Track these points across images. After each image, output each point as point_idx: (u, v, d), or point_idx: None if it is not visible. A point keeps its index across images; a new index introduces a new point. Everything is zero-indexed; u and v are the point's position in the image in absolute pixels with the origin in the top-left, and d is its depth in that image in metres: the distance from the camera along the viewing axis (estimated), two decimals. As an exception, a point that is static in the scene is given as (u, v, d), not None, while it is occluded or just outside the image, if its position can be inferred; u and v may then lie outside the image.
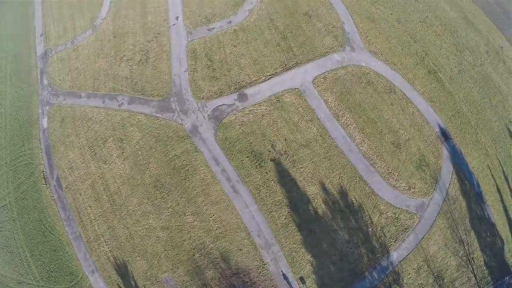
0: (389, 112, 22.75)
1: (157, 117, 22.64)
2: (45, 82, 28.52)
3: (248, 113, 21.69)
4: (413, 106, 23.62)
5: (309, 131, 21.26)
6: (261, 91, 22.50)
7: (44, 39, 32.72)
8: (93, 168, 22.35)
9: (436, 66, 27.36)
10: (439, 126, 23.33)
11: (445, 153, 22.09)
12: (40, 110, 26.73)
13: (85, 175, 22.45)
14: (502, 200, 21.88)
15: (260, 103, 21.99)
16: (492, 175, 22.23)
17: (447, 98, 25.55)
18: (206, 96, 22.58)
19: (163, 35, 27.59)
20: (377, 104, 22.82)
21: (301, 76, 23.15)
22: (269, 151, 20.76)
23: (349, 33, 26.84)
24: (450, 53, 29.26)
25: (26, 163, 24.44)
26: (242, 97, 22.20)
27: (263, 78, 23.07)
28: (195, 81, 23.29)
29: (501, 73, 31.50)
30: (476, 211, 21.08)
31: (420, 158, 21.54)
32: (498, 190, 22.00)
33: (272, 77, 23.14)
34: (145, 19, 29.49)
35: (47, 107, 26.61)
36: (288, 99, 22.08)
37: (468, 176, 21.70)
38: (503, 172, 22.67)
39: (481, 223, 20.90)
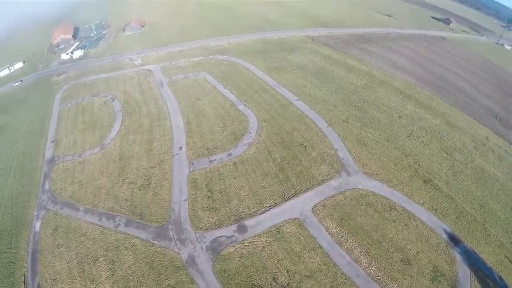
0: (392, 229, 22.26)
1: (153, 243, 21.89)
2: (47, 186, 28.79)
3: (248, 245, 21.06)
4: (415, 219, 23.24)
5: (312, 261, 20.30)
6: (260, 223, 22.39)
7: (54, 146, 34.48)
8: (79, 286, 20.50)
9: (430, 174, 28.05)
10: (446, 232, 22.71)
11: (458, 257, 21.15)
12: (35, 213, 26.27)
13: (68, 290, 20.28)
14: (530, 286, 19.73)
15: (260, 234, 21.60)
16: (513, 264, 20.63)
17: (448, 202, 25.39)
18: (205, 226, 22.38)
19: (166, 163, 29.13)
20: (380, 223, 22.50)
21: (300, 206, 23.45)
22: (271, 284, 19.37)
23: (343, 158, 28.51)
24: (441, 158, 30.44)
25: (9, 262, 22.71)
26: (242, 229, 21.95)
27: (263, 209, 23.33)
28: (194, 211, 23.46)
29: (493, 162, 32.30)
30: (506, 306, 18.78)
31: (434, 269, 20.37)
32: (523, 278, 20.08)
33: (272, 208, 23.42)
34: (151, 145, 31.80)
35: (43, 211, 26.20)
36: (289, 230, 21.81)
37: (487, 273, 20.35)
38: (523, 257, 21.12)
39: (514, 317, 18.37)
